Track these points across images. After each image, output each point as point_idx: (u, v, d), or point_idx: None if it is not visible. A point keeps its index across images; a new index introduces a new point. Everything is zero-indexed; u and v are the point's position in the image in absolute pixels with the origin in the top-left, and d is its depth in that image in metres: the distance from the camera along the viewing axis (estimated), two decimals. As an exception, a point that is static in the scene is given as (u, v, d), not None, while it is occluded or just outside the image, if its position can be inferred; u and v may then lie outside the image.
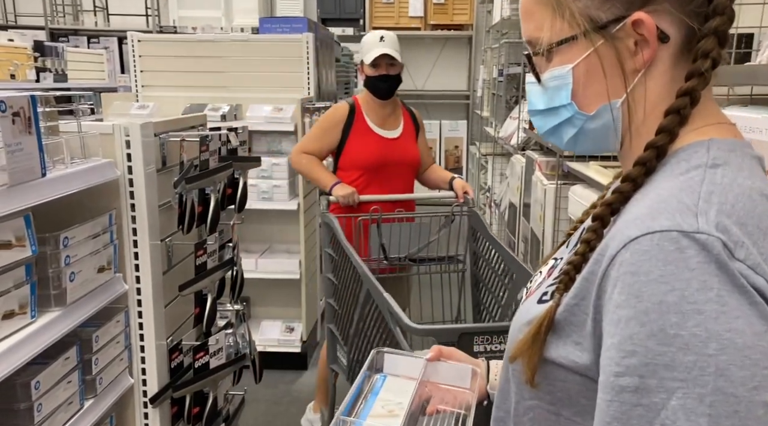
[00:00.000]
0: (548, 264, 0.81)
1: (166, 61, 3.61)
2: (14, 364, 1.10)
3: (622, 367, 0.56)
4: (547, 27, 0.69)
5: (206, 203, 1.60)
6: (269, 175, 3.29)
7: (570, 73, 0.68)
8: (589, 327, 0.63)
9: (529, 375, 0.67)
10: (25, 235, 1.14)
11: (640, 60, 0.66)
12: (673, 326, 0.54)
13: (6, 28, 7.91)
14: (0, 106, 1.05)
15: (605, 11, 0.66)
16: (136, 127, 1.44)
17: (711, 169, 0.62)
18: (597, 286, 0.62)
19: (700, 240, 0.55)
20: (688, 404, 0.53)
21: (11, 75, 5.03)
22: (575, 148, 0.75)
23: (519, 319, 0.73)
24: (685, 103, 0.65)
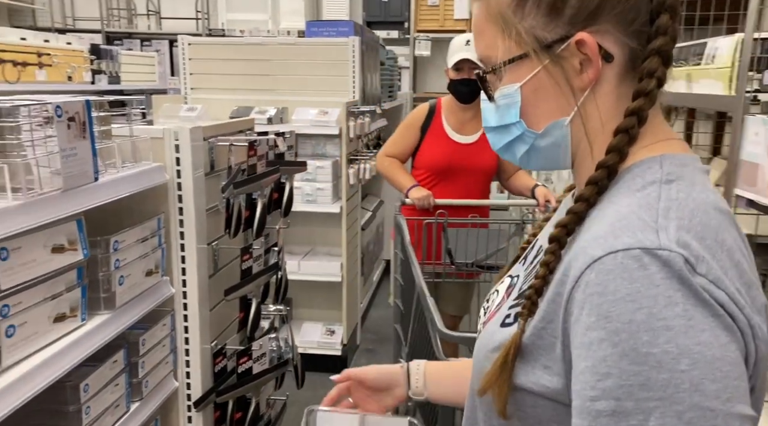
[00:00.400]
0: (504, 282, 0.80)
1: (215, 63, 3.67)
2: (65, 366, 1.12)
3: (598, 390, 0.56)
4: (496, 46, 0.70)
5: (253, 208, 1.59)
6: (313, 177, 3.29)
7: (518, 92, 0.69)
8: (558, 351, 0.62)
9: (500, 406, 0.66)
10: (78, 239, 1.15)
11: (585, 79, 0.67)
12: (645, 345, 0.54)
13: (65, 31, 8.20)
14: (57, 111, 1.06)
15: (550, 31, 0.67)
16: (185, 132, 1.45)
17: (666, 185, 0.63)
18: (564, 309, 0.61)
19: (662, 256, 0.56)
20: (667, 423, 0.53)
21: (68, 77, 5.20)
22: (528, 164, 0.75)
23: (484, 345, 0.72)
24: (633, 123, 0.65)
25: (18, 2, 8.08)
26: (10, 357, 1.01)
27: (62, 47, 5.43)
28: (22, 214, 0.98)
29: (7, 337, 0.99)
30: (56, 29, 8.20)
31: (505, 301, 0.75)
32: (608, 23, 0.65)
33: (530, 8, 0.67)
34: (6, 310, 0.99)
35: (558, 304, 0.62)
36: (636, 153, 0.67)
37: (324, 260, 3.41)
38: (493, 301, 0.80)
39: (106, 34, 8.14)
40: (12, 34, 5.45)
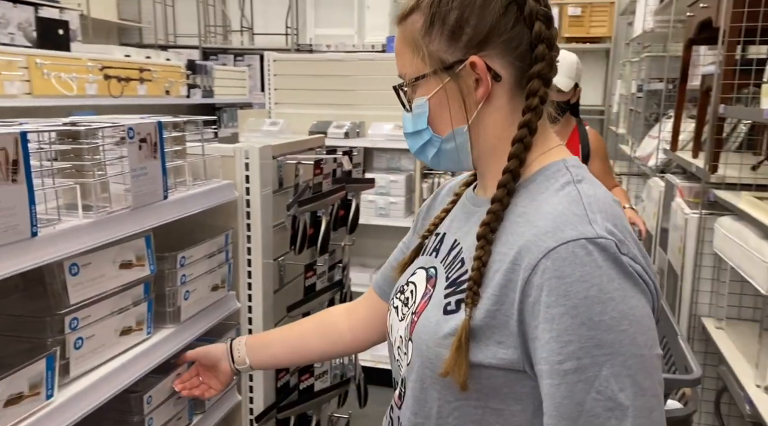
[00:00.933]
0: (417, 274, 0.91)
1: (298, 79, 3.77)
2: (130, 378, 1.16)
3: (563, 354, 0.70)
4: (411, 64, 0.84)
5: (317, 225, 1.60)
6: (386, 191, 3.30)
7: (427, 103, 0.84)
8: (512, 327, 0.75)
9: (461, 382, 0.76)
10: (145, 255, 1.19)
11: (478, 94, 0.81)
12: (597, 314, 0.70)
13: (167, 47, 8.76)
14: (129, 132, 1.11)
15: (450, 54, 0.81)
16: (255, 151, 1.48)
17: (579, 184, 0.79)
18: (519, 292, 0.74)
19: (601, 243, 0.72)
20: (615, 370, 0.69)
21: (166, 91, 5.53)
22: (439, 165, 0.88)
23: (430, 332, 0.81)
24: (525, 134, 0.80)
25: (127, 21, 8.72)
26: (77, 368, 1.05)
27: (162, 63, 5.78)
28: (92, 231, 1.02)
29: (75, 349, 1.04)
30: (159, 46, 8.78)
31: (432, 290, 0.85)
32: (496, 49, 0.80)
33: (435, 34, 0.81)
34: (75, 324, 1.04)
35: (510, 289, 0.75)
36: (539, 158, 0.83)
37: (397, 275, 3.40)
38: (413, 293, 0.90)
39: (203, 50, 8.61)
40: (118, 51, 5.87)
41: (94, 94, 4.65)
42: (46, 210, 1.00)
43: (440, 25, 0.81)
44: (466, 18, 0.80)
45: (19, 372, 0.90)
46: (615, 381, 0.69)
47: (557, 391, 0.71)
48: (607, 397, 0.69)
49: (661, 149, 3.67)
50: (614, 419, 0.69)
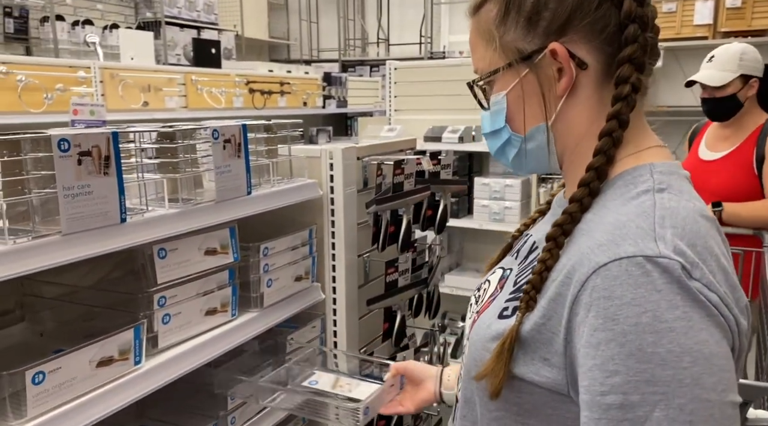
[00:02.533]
0: (496, 273, 0.85)
1: (418, 86, 3.86)
2: (215, 352, 1.29)
3: (607, 386, 0.62)
4: (486, 58, 0.78)
5: (398, 224, 1.65)
6: (501, 196, 3.25)
7: (504, 99, 0.77)
8: (558, 346, 0.68)
9: (493, 390, 0.71)
10: (229, 244, 1.33)
11: (561, 86, 0.73)
12: (650, 345, 0.60)
13: (310, 62, 9.38)
14: (214, 134, 1.25)
15: (528, 43, 0.74)
16: (338, 152, 1.57)
17: (658, 194, 0.68)
18: (568, 309, 0.66)
19: (662, 264, 0.62)
20: (671, 414, 0.59)
21: (304, 102, 5.93)
22: (521, 168, 0.82)
23: (480, 334, 0.76)
24: (614, 126, 0.71)
25: (276, 39, 9.45)
26: (165, 340, 1.20)
27: (300, 76, 6.21)
28: (177, 220, 1.17)
29: (163, 324, 1.19)
30: (304, 61, 9.41)
31: (499, 292, 0.80)
32: (579, 33, 0.72)
33: (511, 23, 0.75)
34: (163, 301, 1.19)
35: (560, 304, 0.68)
36: (624, 160, 0.73)
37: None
38: (485, 291, 0.85)
39: (342, 63, 9.07)
40: (262, 67, 6.40)
41: (240, 106, 5.12)
42: (140, 201, 1.15)
43: (516, 11, 0.74)
44: (544, 1, 0.73)
45: (109, 338, 1.06)
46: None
47: (596, 425, 0.63)
48: None
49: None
50: None
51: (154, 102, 4.47)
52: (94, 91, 4.11)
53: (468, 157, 3.51)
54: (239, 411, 1.39)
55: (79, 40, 6.51)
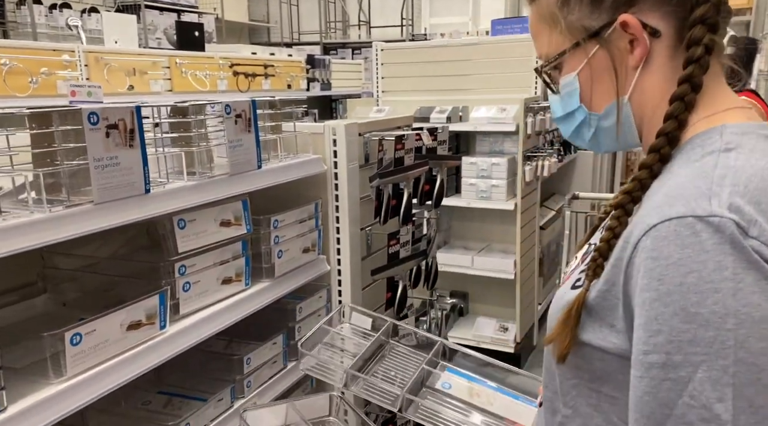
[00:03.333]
0: (583, 249, 0.84)
1: (404, 67, 3.90)
2: (231, 319, 1.35)
3: (650, 345, 0.62)
4: (551, 42, 0.77)
5: (399, 197, 1.72)
6: (488, 174, 3.33)
7: (576, 79, 0.76)
8: (620, 311, 0.68)
9: (560, 354, 0.72)
10: (242, 216, 1.38)
11: (635, 57, 0.72)
12: (694, 305, 0.59)
13: (291, 44, 9.34)
14: (226, 109, 1.30)
15: (595, 19, 0.73)
16: (341, 128, 1.62)
17: (724, 153, 0.66)
18: (624, 273, 0.66)
19: (714, 223, 0.59)
20: (713, 375, 0.58)
21: (288, 85, 5.92)
22: (599, 147, 0.80)
23: (555, 305, 0.77)
24: (686, 90, 0.69)
25: (256, 22, 9.37)
26: (186, 307, 1.26)
27: (284, 59, 6.19)
28: (195, 192, 1.22)
29: (184, 292, 1.25)
30: (285, 43, 9.36)
31: (579, 266, 0.81)
32: (648, 1, 0.70)
33: (574, 3, 0.74)
34: (183, 270, 1.24)
35: (619, 269, 0.67)
36: (696, 124, 0.70)
37: (497, 257, 3.43)
38: (570, 267, 0.86)
39: (323, 45, 9.04)
40: (245, 50, 6.37)
41: (225, 89, 5.10)
42: (159, 174, 1.20)
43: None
44: None
45: (136, 304, 1.11)
46: (712, 388, 0.59)
47: (639, 384, 0.63)
48: (702, 405, 0.59)
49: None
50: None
51: (139, 85, 4.44)
52: (80, 75, 4.08)
53: (455, 137, 3.57)
54: (254, 375, 1.45)
55: (57, 24, 6.41)
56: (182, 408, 1.33)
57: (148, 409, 1.34)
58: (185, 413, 1.28)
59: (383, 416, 1.81)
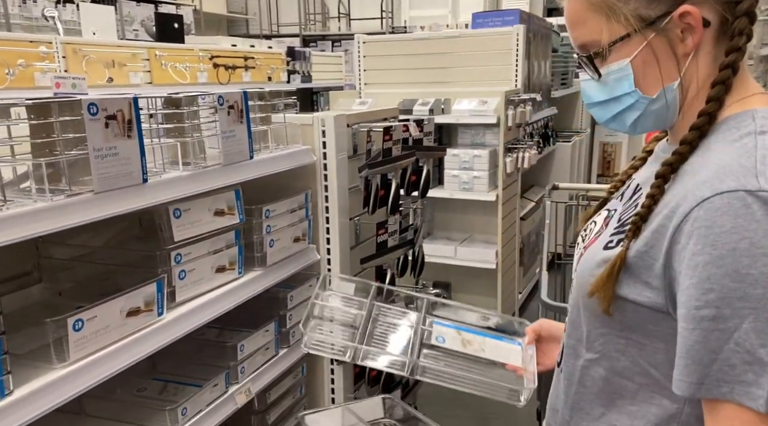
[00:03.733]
0: (601, 215, 0.94)
1: (387, 59, 3.93)
2: (225, 307, 1.38)
3: (702, 301, 0.70)
4: (603, 30, 0.81)
5: (388, 187, 1.76)
6: (470, 166, 3.39)
7: (629, 66, 0.82)
8: (658, 270, 0.76)
9: (605, 306, 0.81)
10: (235, 206, 1.41)
11: (689, 45, 0.79)
12: (745, 267, 0.68)
13: (270, 37, 9.28)
14: (219, 100, 1.32)
15: (653, 9, 0.79)
16: (330, 119, 1.65)
17: (761, 136, 0.74)
18: (669, 238, 0.74)
19: (762, 197, 0.69)
20: (759, 326, 0.67)
21: (268, 77, 5.90)
22: (635, 130, 0.87)
23: (588, 264, 0.85)
24: (728, 75, 0.78)
25: (234, 14, 9.30)
26: (182, 295, 1.28)
27: (264, 51, 6.17)
28: (190, 182, 1.24)
29: (179, 279, 1.27)
30: (264, 35, 9.30)
31: (604, 229, 0.88)
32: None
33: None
34: (179, 258, 1.27)
35: (662, 234, 0.75)
36: (729, 107, 0.79)
37: (479, 247, 3.49)
38: (591, 231, 0.94)
39: (303, 38, 9.01)
40: (225, 42, 6.33)
41: (205, 81, 5.07)
42: (155, 164, 1.22)
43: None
44: None
45: (135, 291, 1.14)
46: (756, 336, 0.67)
47: (690, 334, 0.71)
48: (746, 350, 0.68)
49: None
50: (752, 373, 0.68)
51: (118, 77, 4.40)
52: (57, 67, 4.03)
53: (438, 129, 3.62)
54: (248, 361, 1.48)
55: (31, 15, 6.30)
56: (177, 394, 1.35)
57: (143, 395, 1.36)
58: (181, 399, 1.30)
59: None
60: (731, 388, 0.69)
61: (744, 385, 0.68)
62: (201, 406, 1.33)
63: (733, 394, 0.69)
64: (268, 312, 1.61)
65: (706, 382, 0.70)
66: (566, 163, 4.70)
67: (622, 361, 0.84)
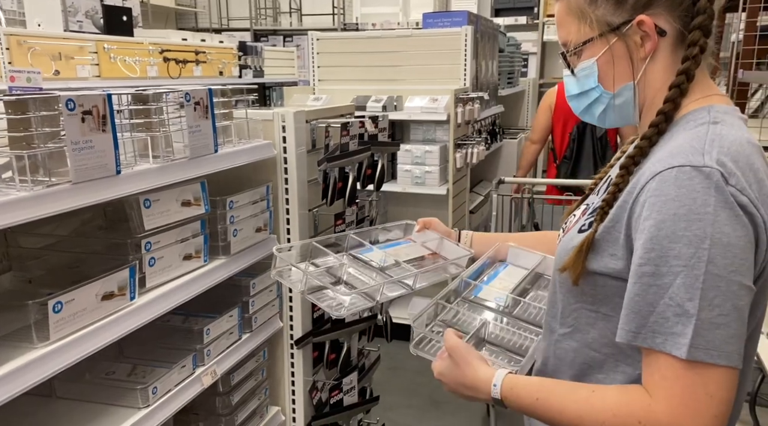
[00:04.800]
0: (581, 208, 1.05)
1: (340, 56, 4.02)
2: (191, 293, 1.45)
3: (644, 259, 0.81)
4: (575, 31, 0.95)
5: (345, 180, 1.86)
6: (422, 161, 3.52)
7: (595, 64, 0.94)
8: (622, 241, 0.87)
9: (574, 278, 0.92)
10: (201, 197, 1.48)
11: (645, 50, 0.91)
12: (681, 229, 0.78)
13: (220, 31, 9.19)
14: (186, 97, 1.39)
15: (617, 16, 0.91)
16: (290, 115, 1.74)
17: (713, 125, 0.85)
18: (629, 209, 0.85)
19: (705, 171, 0.79)
20: (688, 282, 0.77)
21: (220, 72, 5.88)
22: (605, 123, 0.99)
23: (564, 246, 0.97)
24: (682, 80, 0.89)
25: (183, 7, 9.15)
26: (152, 281, 1.35)
27: (215, 46, 6.13)
28: (160, 174, 1.31)
29: (149, 266, 1.34)
30: (213, 29, 9.20)
31: (581, 218, 1.00)
32: (661, 7, 0.89)
33: (601, 1, 0.91)
34: (149, 246, 1.34)
35: (624, 209, 0.86)
36: (689, 105, 0.90)
37: (431, 238, 3.63)
38: (571, 222, 1.05)
39: (254, 32, 8.95)
40: (175, 35, 6.26)
41: (155, 75, 5.03)
42: (125, 157, 1.29)
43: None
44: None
45: (110, 275, 1.20)
46: (686, 290, 0.76)
47: (632, 288, 0.81)
48: (677, 303, 0.77)
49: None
50: (680, 325, 0.77)
51: (65, 70, 4.33)
52: (1, 59, 3.94)
53: (391, 126, 3.73)
54: (213, 344, 1.56)
55: (-33, 4, 6.06)
56: (146, 375, 1.42)
57: (113, 378, 1.42)
58: (150, 379, 1.37)
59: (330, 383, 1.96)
60: (664, 339, 0.79)
61: (674, 337, 0.78)
62: (170, 386, 1.40)
63: (665, 345, 0.78)
64: (231, 299, 1.69)
65: (643, 331, 0.81)
66: (513, 158, 4.91)
67: (591, 333, 0.94)
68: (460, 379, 1.01)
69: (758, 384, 2.47)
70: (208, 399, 1.67)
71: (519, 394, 0.94)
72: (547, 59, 7.53)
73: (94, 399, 1.36)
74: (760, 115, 3.38)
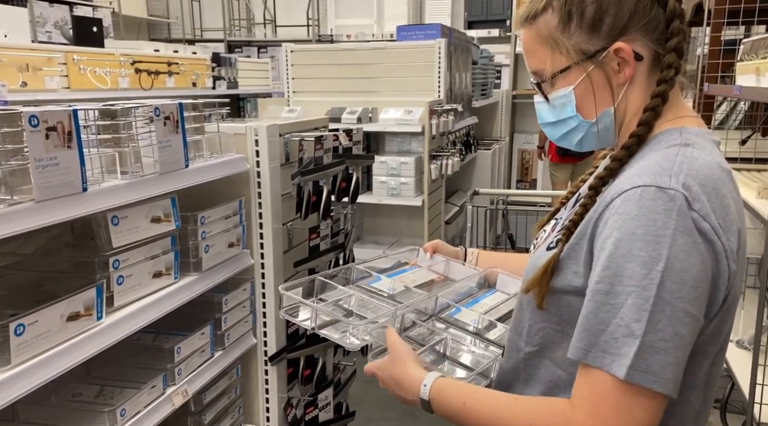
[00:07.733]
0: (551, 223, 1.05)
1: (314, 68, 4.01)
2: (161, 311, 1.42)
3: (600, 277, 0.81)
4: (548, 61, 0.92)
5: (320, 193, 1.84)
6: (398, 173, 3.53)
7: (572, 93, 0.92)
8: (583, 258, 0.86)
9: (539, 300, 0.91)
10: (171, 213, 1.45)
11: (623, 76, 0.89)
12: (638, 250, 0.78)
13: (194, 41, 9.12)
14: (155, 111, 1.37)
15: (592, 44, 0.89)
16: (263, 129, 1.72)
17: (684, 147, 0.85)
18: (592, 226, 0.85)
19: (669, 193, 0.78)
20: (638, 302, 0.77)
21: (193, 83, 5.82)
22: (581, 147, 0.98)
23: (533, 263, 0.96)
24: (657, 103, 0.88)
25: (155, 17, 9.07)
26: (120, 300, 1.32)
27: (188, 57, 6.07)
28: (128, 190, 1.28)
29: (118, 284, 1.31)
30: (186, 40, 9.13)
31: (551, 234, 0.99)
32: (637, 32, 0.88)
33: (574, 29, 0.89)
34: (117, 264, 1.30)
35: (588, 224, 0.86)
36: (662, 125, 0.89)
37: (407, 250, 3.63)
38: (541, 238, 1.04)
39: (228, 43, 8.91)
40: (147, 46, 6.19)
41: (127, 87, 4.96)
42: (92, 173, 1.25)
43: (578, 19, 0.88)
44: (605, 9, 0.87)
45: (76, 296, 1.17)
46: (635, 311, 0.76)
47: (587, 304, 0.81)
48: (626, 324, 0.77)
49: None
50: (626, 346, 0.77)
51: (33, 82, 4.24)
52: (-34, 70, 3.85)
53: (366, 137, 3.73)
54: (185, 363, 1.52)
55: (-69, 13, 5.91)
56: (114, 396, 1.38)
57: (79, 400, 1.38)
58: (119, 401, 1.33)
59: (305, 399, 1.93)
60: (612, 360, 0.78)
61: (620, 358, 0.77)
62: (139, 408, 1.37)
63: (612, 366, 0.78)
64: (203, 316, 1.65)
65: (593, 351, 0.80)
66: (487, 169, 4.95)
67: (558, 352, 0.93)
68: (395, 376, 1.02)
69: (728, 391, 2.51)
70: (180, 419, 1.63)
71: (447, 397, 0.94)
72: (519, 71, 7.63)
73: (59, 423, 1.32)
74: (725, 127, 3.46)
